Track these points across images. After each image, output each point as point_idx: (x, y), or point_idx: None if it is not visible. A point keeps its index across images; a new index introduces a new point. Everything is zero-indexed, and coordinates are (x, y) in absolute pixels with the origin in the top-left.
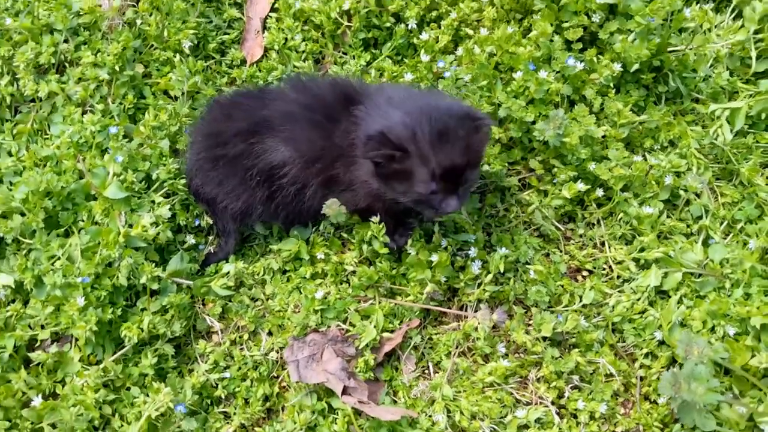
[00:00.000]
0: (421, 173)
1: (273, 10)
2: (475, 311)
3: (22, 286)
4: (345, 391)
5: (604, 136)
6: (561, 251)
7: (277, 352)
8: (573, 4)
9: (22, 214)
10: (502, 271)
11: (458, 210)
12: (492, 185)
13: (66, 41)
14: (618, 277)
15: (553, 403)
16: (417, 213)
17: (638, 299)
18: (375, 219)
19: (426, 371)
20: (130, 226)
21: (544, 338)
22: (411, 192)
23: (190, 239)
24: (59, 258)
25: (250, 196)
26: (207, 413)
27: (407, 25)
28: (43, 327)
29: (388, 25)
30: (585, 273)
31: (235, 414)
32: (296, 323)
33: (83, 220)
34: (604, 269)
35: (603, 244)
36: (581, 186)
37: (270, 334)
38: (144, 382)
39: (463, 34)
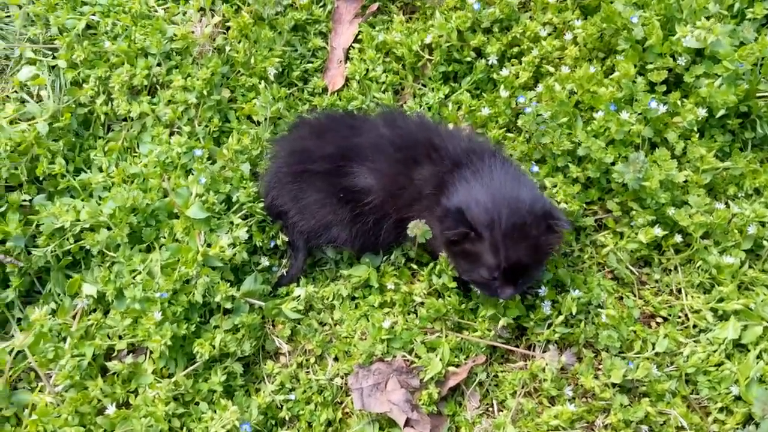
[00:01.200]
0: (488, 260)
1: (356, 41)
2: (543, 352)
3: (104, 297)
4: (407, 423)
5: (685, 181)
6: (635, 296)
7: (342, 378)
8: (658, 46)
9: (108, 228)
10: (573, 312)
11: (513, 297)
12: None
13: (159, 65)
14: (694, 326)
15: None
16: None
17: (715, 351)
18: (444, 254)
19: (490, 409)
20: (209, 245)
21: (613, 384)
22: (473, 273)
23: (265, 261)
24: (140, 272)
25: (327, 214)
26: None
27: (488, 61)
28: (120, 338)
29: (468, 59)
30: (659, 320)
31: None
32: (362, 351)
33: (165, 237)
34: (679, 317)
35: (680, 291)
36: (658, 231)
37: (336, 359)
38: (212, 398)
39: (544, 70)
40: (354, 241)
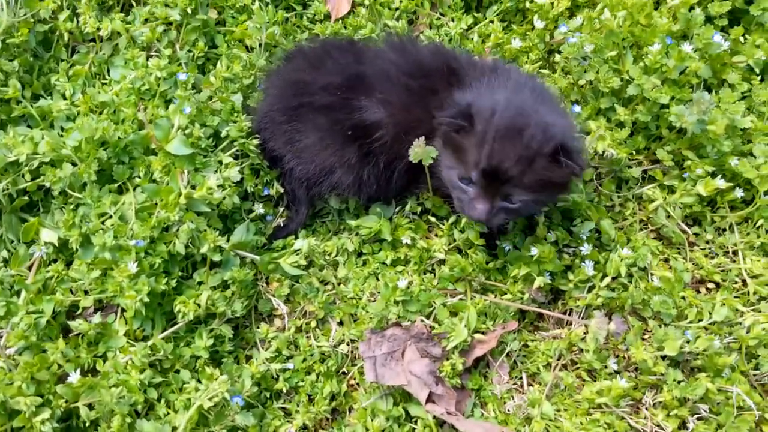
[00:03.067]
0: (470, 156)
1: None
2: (582, 318)
3: (67, 245)
4: (429, 397)
5: (744, 129)
6: (685, 258)
7: (348, 345)
8: None
9: (73, 164)
10: (622, 274)
11: (481, 221)
12: (610, 174)
13: None
14: (754, 293)
15: None
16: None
17: None
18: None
19: (518, 383)
20: (193, 187)
21: (662, 357)
22: (451, 170)
23: (258, 208)
24: (111, 216)
25: (330, 156)
26: (265, 408)
27: None
28: (86, 293)
29: None
30: (710, 286)
31: (297, 412)
32: (374, 314)
33: (140, 177)
34: (735, 282)
35: (735, 253)
36: (721, 183)
37: (341, 323)
38: (196, 365)
39: (582, 1)
40: (362, 187)
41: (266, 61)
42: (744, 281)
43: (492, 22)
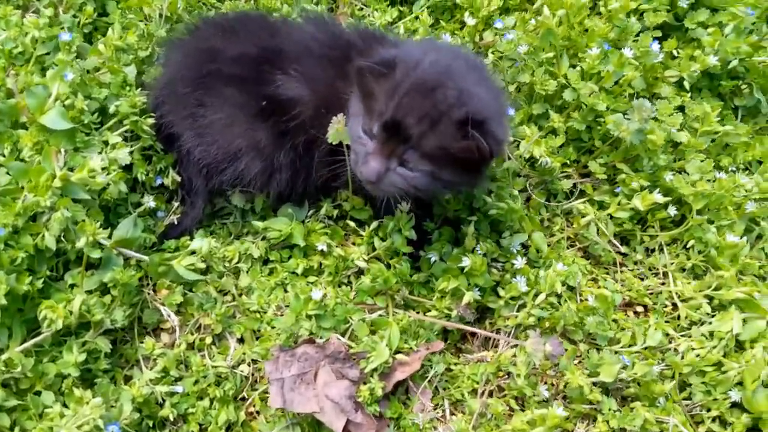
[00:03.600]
0: (377, 105)
1: None
2: (511, 338)
3: None
4: (346, 427)
5: (678, 144)
6: (614, 279)
7: (249, 366)
8: None
9: None
10: (558, 291)
11: (371, 181)
12: (540, 185)
13: None
14: (685, 317)
15: None
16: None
17: (714, 347)
18: (404, 206)
19: (441, 411)
20: (71, 169)
21: (594, 384)
22: (356, 118)
23: (149, 201)
24: None
25: (237, 136)
26: None
27: None
28: None
29: None
30: (638, 309)
31: None
32: (282, 329)
33: (4, 154)
34: (665, 306)
35: (665, 275)
36: (659, 197)
37: (241, 340)
38: (62, 386)
39: (514, 4)
40: (272, 179)
41: (166, 32)
42: (674, 304)
43: (418, 17)
